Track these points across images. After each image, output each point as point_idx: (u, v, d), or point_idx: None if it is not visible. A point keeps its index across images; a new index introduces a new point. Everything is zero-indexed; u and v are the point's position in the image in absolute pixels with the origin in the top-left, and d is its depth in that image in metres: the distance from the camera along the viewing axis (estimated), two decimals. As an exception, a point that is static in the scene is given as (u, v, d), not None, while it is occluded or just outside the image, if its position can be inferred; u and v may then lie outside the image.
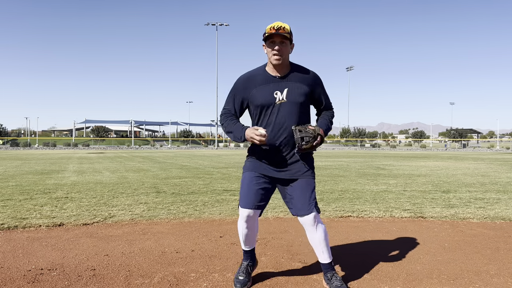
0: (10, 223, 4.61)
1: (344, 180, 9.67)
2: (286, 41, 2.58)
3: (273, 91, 2.64)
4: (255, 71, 2.74)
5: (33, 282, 2.80)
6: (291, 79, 2.67)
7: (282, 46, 2.58)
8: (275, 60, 2.59)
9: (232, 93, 2.77)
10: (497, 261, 3.33)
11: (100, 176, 10.64)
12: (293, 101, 2.64)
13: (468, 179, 10.01)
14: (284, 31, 2.54)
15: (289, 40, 2.60)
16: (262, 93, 2.65)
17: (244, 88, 2.71)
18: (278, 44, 2.57)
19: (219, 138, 69.27)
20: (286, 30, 2.55)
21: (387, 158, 22.55)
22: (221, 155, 28.03)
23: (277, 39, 2.57)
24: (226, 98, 2.82)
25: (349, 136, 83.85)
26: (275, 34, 2.54)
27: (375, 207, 5.79)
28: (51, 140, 64.87)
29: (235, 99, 2.75)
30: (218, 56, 65.77)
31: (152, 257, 3.39)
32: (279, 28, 2.53)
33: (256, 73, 2.72)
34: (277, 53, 2.57)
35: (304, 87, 2.68)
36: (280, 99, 2.63)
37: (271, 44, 2.59)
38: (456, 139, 76.05)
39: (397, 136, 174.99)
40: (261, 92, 2.65)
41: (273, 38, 2.57)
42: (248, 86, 2.70)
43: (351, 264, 3.21)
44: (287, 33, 2.55)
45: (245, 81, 2.72)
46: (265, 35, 2.58)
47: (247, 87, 2.70)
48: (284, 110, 2.63)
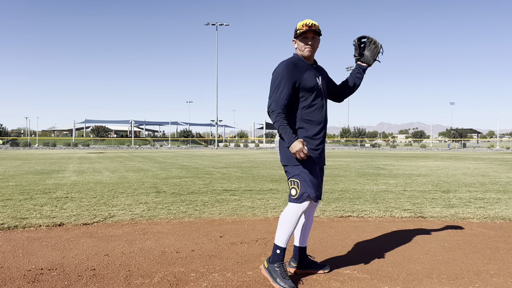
0: (10, 223, 4.61)
1: (344, 180, 9.67)
2: (316, 36, 2.88)
3: (315, 76, 2.91)
4: (294, 59, 2.88)
5: (33, 282, 2.80)
6: (318, 69, 3.01)
7: (313, 41, 2.86)
8: (308, 52, 2.86)
9: (283, 79, 2.76)
10: (497, 261, 3.33)
11: (100, 176, 10.64)
12: (324, 86, 2.99)
13: (468, 179, 10.01)
14: (316, 27, 2.82)
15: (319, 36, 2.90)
16: (312, 77, 2.87)
17: (295, 72, 2.80)
18: (311, 40, 2.84)
19: (219, 138, 69.27)
20: (317, 27, 2.84)
21: (387, 158, 22.56)
22: (221, 155, 28.04)
23: (310, 35, 2.84)
24: (275, 87, 2.77)
25: (349, 136, 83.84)
26: (308, 30, 2.81)
27: (375, 207, 5.79)
28: (51, 140, 64.83)
29: (288, 85, 2.75)
30: (218, 56, 65.78)
31: (152, 257, 3.39)
32: (312, 25, 2.81)
33: (298, 61, 2.88)
34: (310, 47, 2.84)
35: (326, 77, 3.09)
36: (319, 84, 2.91)
37: (304, 39, 2.85)
38: (456, 139, 76.06)
39: (397, 136, 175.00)
40: (311, 75, 2.87)
41: (306, 34, 2.84)
42: (299, 70, 2.83)
43: (351, 264, 3.21)
44: (318, 29, 2.83)
45: (294, 66, 2.82)
46: (297, 31, 2.84)
47: (299, 71, 2.83)
48: (323, 93, 2.93)
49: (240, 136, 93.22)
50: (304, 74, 2.84)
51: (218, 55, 62.54)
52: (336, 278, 2.89)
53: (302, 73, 2.83)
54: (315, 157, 2.84)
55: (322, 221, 4.89)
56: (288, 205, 2.82)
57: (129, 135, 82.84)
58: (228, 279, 2.88)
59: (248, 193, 7.26)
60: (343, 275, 2.96)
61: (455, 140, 74.86)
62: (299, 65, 2.84)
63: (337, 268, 3.10)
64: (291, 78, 2.76)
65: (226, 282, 2.82)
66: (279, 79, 2.76)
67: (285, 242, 2.80)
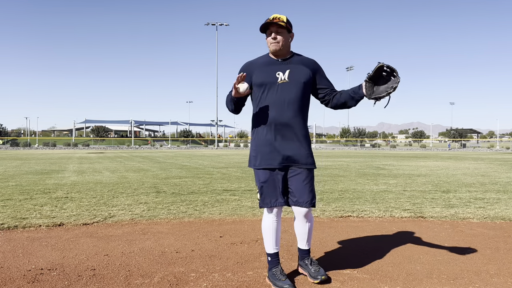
0: (10, 223, 4.61)
1: (344, 180, 9.67)
2: (281, 29, 2.76)
3: (275, 71, 2.79)
4: (258, 57, 2.93)
5: (33, 282, 2.80)
6: (293, 62, 2.84)
7: (277, 34, 2.75)
8: (273, 46, 2.77)
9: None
10: (497, 261, 3.33)
11: (100, 176, 10.64)
12: (296, 81, 2.77)
13: (468, 179, 10.01)
14: (279, 20, 2.72)
15: (286, 29, 2.76)
16: (264, 73, 2.80)
17: (248, 71, 2.85)
18: (274, 33, 2.75)
19: (219, 138, 69.26)
20: (281, 20, 2.73)
21: (387, 158, 22.55)
22: (221, 155, 28.03)
23: (273, 29, 2.75)
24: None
25: (349, 136, 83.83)
26: (270, 23, 2.73)
27: (375, 207, 5.79)
28: (51, 140, 64.84)
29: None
30: (218, 56, 65.77)
31: (152, 257, 3.39)
32: (274, 18, 2.73)
33: (259, 58, 2.91)
34: (273, 40, 2.76)
35: (306, 69, 2.83)
36: (282, 79, 2.77)
37: (268, 33, 2.79)
38: (456, 139, 76.05)
39: (397, 136, 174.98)
40: (263, 72, 2.81)
41: (269, 28, 2.77)
42: (251, 69, 2.86)
43: (351, 264, 3.21)
44: (282, 21, 2.72)
45: (249, 65, 2.90)
46: (262, 27, 2.77)
47: (250, 70, 2.86)
48: (285, 89, 2.75)
49: (240, 136, 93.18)
50: (255, 71, 2.82)
51: (218, 55, 62.58)
52: (336, 278, 2.89)
53: (254, 70, 2.83)
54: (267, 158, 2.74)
55: (322, 221, 4.89)
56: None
57: (129, 135, 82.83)
58: (228, 279, 2.88)
59: (248, 193, 7.26)
60: (343, 275, 2.96)
61: (455, 140, 74.86)
62: (256, 63, 2.86)
63: (337, 268, 3.10)
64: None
65: (226, 282, 2.82)
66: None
67: (268, 248, 2.85)
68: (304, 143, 2.79)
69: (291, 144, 2.75)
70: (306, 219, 2.86)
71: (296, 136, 2.76)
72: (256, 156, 2.80)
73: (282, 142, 2.74)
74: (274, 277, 2.76)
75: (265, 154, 2.76)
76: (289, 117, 2.74)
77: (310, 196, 2.77)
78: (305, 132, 2.82)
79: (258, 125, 2.83)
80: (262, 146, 2.78)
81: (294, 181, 2.77)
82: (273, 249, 2.84)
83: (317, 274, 2.79)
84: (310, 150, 2.84)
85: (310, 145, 2.87)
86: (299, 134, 2.78)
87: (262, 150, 2.77)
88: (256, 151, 2.82)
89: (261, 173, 2.77)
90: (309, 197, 2.77)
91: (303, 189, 2.75)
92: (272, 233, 2.82)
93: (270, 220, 2.81)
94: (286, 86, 2.75)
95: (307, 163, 2.77)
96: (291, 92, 2.74)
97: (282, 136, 2.75)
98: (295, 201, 2.79)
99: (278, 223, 2.83)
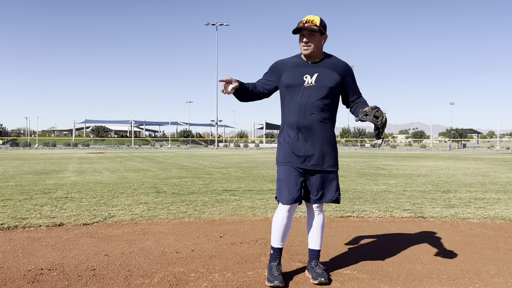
0: (10, 223, 4.61)
1: (344, 180, 9.67)
2: (314, 33, 2.74)
3: (303, 74, 2.81)
4: (291, 57, 2.93)
5: (33, 282, 2.80)
6: (323, 65, 2.83)
7: (309, 38, 2.74)
8: (304, 50, 2.79)
9: (269, 70, 2.95)
10: (497, 261, 3.33)
11: (100, 176, 10.64)
12: (322, 85, 2.77)
13: (468, 179, 10.01)
14: (311, 24, 2.71)
15: (319, 31, 2.74)
16: (292, 75, 2.82)
17: (278, 69, 2.91)
18: (306, 37, 2.74)
19: (219, 138, 69.27)
20: (314, 23, 2.71)
21: (387, 158, 22.55)
22: (221, 155, 28.04)
23: (305, 32, 2.74)
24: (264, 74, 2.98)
25: (349, 136, 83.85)
26: (302, 28, 2.72)
27: (375, 207, 5.79)
28: (51, 140, 64.85)
29: (269, 74, 2.94)
30: (218, 56, 65.75)
31: (152, 257, 3.39)
32: (307, 21, 2.72)
33: (291, 59, 2.91)
34: (305, 45, 2.76)
35: (334, 74, 2.82)
36: (309, 82, 2.78)
37: (300, 37, 2.79)
38: (456, 139, 76.04)
39: (397, 136, 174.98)
40: (292, 73, 2.83)
41: (302, 32, 2.76)
42: (281, 68, 2.88)
43: (351, 264, 3.20)
44: (315, 25, 2.71)
45: (280, 64, 2.92)
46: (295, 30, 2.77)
47: (281, 69, 2.89)
48: (311, 93, 2.77)
49: (240, 136, 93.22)
50: (285, 71, 2.85)
51: (218, 55, 62.57)
52: (336, 278, 2.89)
53: (284, 70, 2.86)
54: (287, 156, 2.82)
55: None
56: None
57: (129, 135, 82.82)
58: (228, 279, 2.88)
59: (248, 193, 7.26)
60: (343, 275, 2.96)
61: (455, 140, 74.85)
62: (287, 63, 2.88)
63: (337, 268, 3.10)
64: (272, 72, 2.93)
65: (226, 282, 2.82)
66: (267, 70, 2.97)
67: (274, 242, 2.89)
68: (327, 147, 2.82)
69: (313, 147, 2.79)
70: (320, 217, 2.95)
71: (318, 140, 2.79)
72: (279, 153, 2.89)
73: (305, 144, 2.79)
74: (269, 271, 2.83)
75: (286, 152, 2.83)
76: (312, 120, 2.76)
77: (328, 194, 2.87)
78: (329, 135, 2.84)
79: (284, 125, 2.90)
80: (285, 145, 2.85)
81: (313, 181, 2.84)
82: (277, 244, 2.89)
83: (318, 276, 2.80)
84: (333, 153, 2.86)
85: (334, 148, 2.89)
86: (322, 137, 2.80)
87: (284, 149, 2.85)
88: (280, 149, 2.90)
89: (280, 169, 2.85)
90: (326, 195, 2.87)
91: (321, 188, 2.84)
92: (280, 228, 2.86)
93: (282, 215, 2.84)
94: (312, 90, 2.76)
95: (328, 165, 2.83)
96: (316, 96, 2.76)
97: (304, 138, 2.79)
98: (313, 199, 2.88)
99: (289, 220, 2.86)
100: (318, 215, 2.97)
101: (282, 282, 2.73)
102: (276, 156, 2.94)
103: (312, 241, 2.98)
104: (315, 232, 2.96)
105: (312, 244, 2.97)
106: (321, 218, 2.97)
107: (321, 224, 2.96)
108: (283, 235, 2.87)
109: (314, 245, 2.97)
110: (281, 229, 2.85)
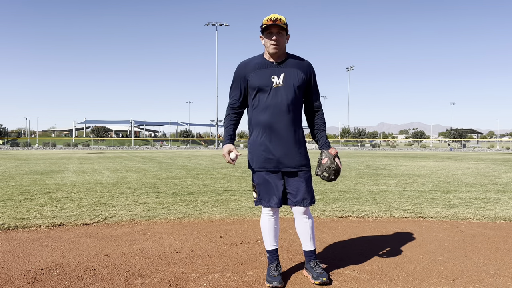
0: (10, 223, 4.61)
1: (344, 180, 9.67)
2: (282, 31, 2.73)
3: (270, 75, 2.78)
4: (253, 58, 2.90)
5: (33, 282, 2.80)
6: (288, 65, 2.82)
7: (279, 36, 2.72)
8: (272, 49, 2.74)
9: (235, 79, 2.91)
10: (497, 261, 3.32)
11: (100, 176, 10.64)
12: (290, 85, 2.77)
13: (468, 179, 10.01)
14: (281, 22, 2.68)
15: (285, 30, 2.75)
16: (259, 76, 2.79)
17: (242, 75, 2.86)
18: (275, 35, 2.71)
19: (219, 138, 69.24)
20: (283, 21, 2.70)
21: (387, 158, 22.55)
22: (221, 155, 28.02)
23: (274, 30, 2.71)
24: (231, 87, 2.94)
25: (349, 136, 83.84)
26: (272, 25, 2.69)
27: (375, 207, 5.79)
28: (51, 140, 64.84)
29: (240, 84, 2.88)
30: (218, 56, 65.78)
31: (152, 257, 3.39)
32: (276, 19, 2.68)
33: (254, 59, 2.87)
34: (274, 43, 2.72)
35: (300, 73, 2.82)
36: (277, 83, 2.77)
37: (268, 35, 2.73)
38: (456, 139, 76.03)
39: (397, 136, 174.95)
40: (259, 75, 2.79)
41: (270, 29, 2.72)
42: (245, 71, 2.85)
43: (351, 264, 3.20)
44: (284, 23, 2.70)
45: (244, 66, 2.87)
46: (262, 27, 2.72)
47: (245, 72, 2.85)
48: (280, 93, 2.76)
49: (240, 136, 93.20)
50: (251, 73, 2.80)
51: (218, 55, 62.59)
52: (336, 278, 2.89)
53: (248, 72, 2.81)
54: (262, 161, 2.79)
55: (322, 221, 4.89)
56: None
57: (129, 135, 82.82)
58: (228, 279, 2.88)
59: (248, 193, 7.26)
60: (343, 275, 2.96)
61: (455, 140, 74.85)
62: (252, 64, 2.83)
63: (337, 268, 3.10)
64: (239, 80, 2.87)
65: (226, 282, 2.82)
66: (232, 83, 2.92)
67: (267, 245, 2.94)
68: (298, 146, 2.81)
69: (285, 147, 2.77)
70: (305, 218, 2.89)
71: (290, 140, 2.78)
72: (252, 159, 2.86)
73: (277, 146, 2.77)
74: (268, 272, 2.85)
75: (260, 157, 2.80)
76: (283, 120, 2.76)
77: (306, 195, 2.81)
78: (299, 135, 2.84)
79: (253, 128, 2.86)
80: (257, 149, 2.82)
81: (291, 182, 2.82)
82: (271, 246, 2.92)
83: (319, 276, 2.78)
84: (304, 152, 2.85)
85: (304, 147, 2.88)
86: (294, 137, 2.80)
87: (257, 153, 2.82)
88: (252, 154, 2.86)
89: (257, 175, 2.84)
90: (304, 196, 2.81)
91: (299, 189, 2.80)
92: (270, 231, 2.89)
93: (267, 218, 2.89)
94: (281, 90, 2.76)
95: (301, 165, 2.81)
96: (285, 96, 2.75)
97: (276, 139, 2.77)
98: (293, 202, 2.84)
99: (276, 221, 2.90)
100: (304, 216, 2.88)
101: (281, 283, 2.73)
102: (249, 161, 2.88)
103: (305, 243, 2.95)
104: (305, 234, 2.92)
105: (306, 245, 2.94)
106: (308, 219, 2.89)
107: (310, 226, 2.90)
108: (274, 236, 2.91)
109: (307, 246, 2.94)
110: (271, 231, 2.89)
